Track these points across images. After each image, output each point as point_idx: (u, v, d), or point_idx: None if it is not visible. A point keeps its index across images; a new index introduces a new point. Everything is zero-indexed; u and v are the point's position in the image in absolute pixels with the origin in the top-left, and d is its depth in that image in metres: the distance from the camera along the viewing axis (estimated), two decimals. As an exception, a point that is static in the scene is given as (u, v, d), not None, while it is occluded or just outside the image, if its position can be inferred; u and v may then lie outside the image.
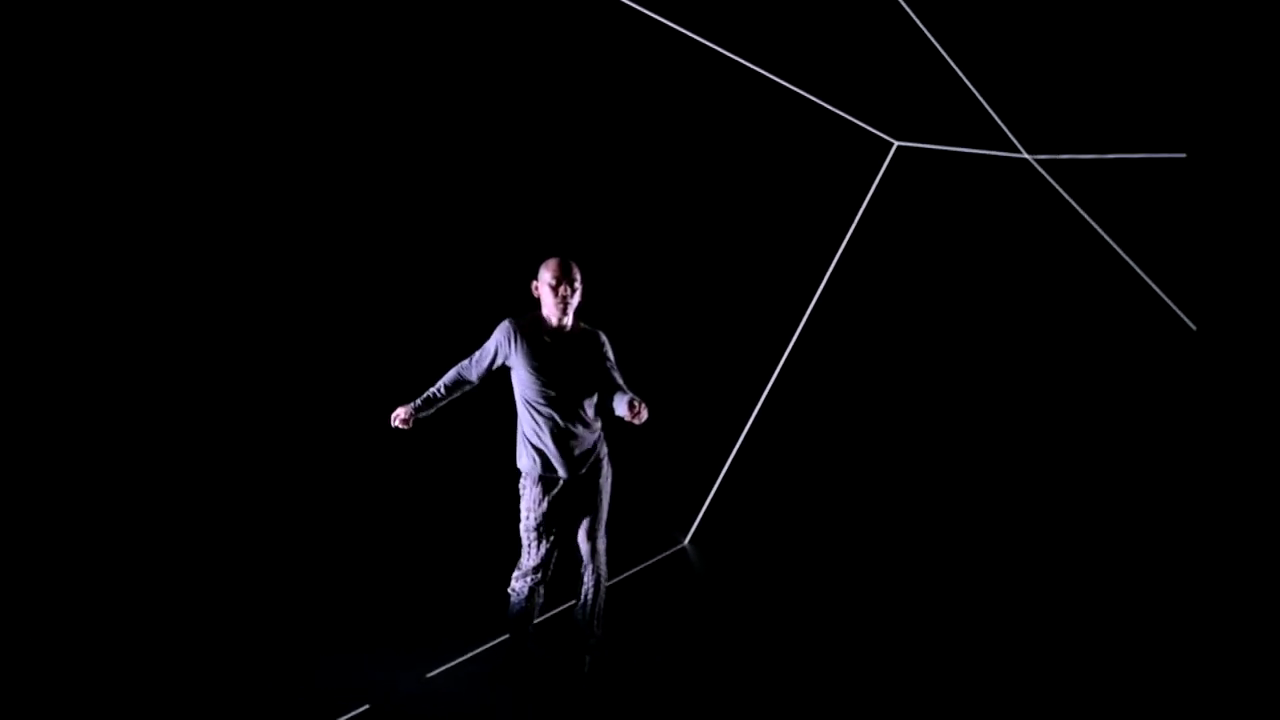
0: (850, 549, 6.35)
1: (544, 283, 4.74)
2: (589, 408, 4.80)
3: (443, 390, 4.86)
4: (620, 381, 4.77)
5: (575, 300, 4.75)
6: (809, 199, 6.88)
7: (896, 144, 6.26)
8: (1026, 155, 6.37)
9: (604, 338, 4.86)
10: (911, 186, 6.54)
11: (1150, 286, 6.48)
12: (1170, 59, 6.64)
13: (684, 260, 7.31)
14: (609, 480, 4.91)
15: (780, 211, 7.17)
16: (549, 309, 4.75)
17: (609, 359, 4.83)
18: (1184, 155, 6.44)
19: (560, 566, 4.87)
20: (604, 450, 4.90)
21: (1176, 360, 6.74)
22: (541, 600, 4.90)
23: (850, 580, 5.96)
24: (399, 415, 4.77)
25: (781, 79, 6.19)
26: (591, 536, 4.89)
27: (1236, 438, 6.64)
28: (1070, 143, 6.56)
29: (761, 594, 5.87)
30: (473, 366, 4.87)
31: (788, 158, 7.02)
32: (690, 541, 6.46)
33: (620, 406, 4.57)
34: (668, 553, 6.31)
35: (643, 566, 6.14)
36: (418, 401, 4.79)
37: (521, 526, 4.84)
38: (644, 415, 4.53)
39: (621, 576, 5.91)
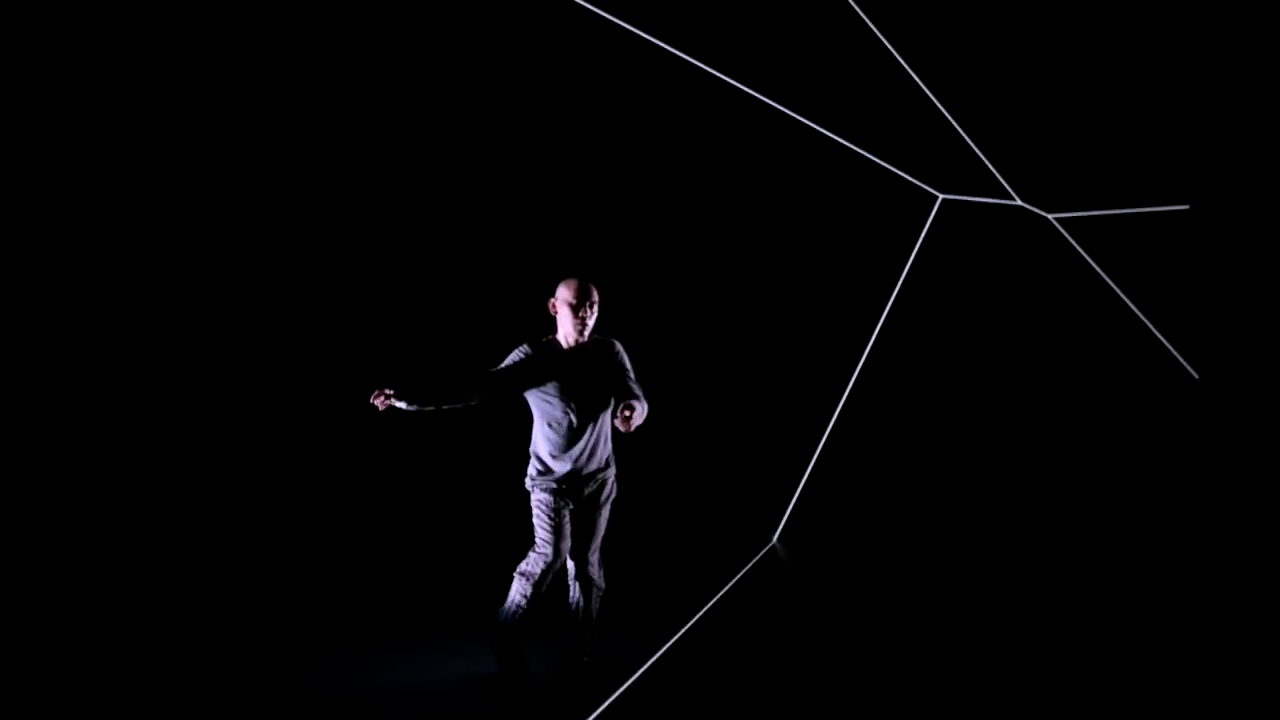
0: (907, 563, 6.59)
1: (563, 301, 4.63)
2: (607, 423, 4.72)
3: (438, 380, 4.59)
4: (634, 388, 4.64)
5: (592, 320, 4.65)
6: (871, 240, 7.36)
7: (941, 197, 6.85)
8: (1046, 214, 6.84)
9: (618, 346, 4.76)
10: (955, 235, 7.01)
11: (1156, 335, 6.84)
12: (1173, 116, 7.10)
13: (754, 289, 7.76)
14: (610, 501, 4.81)
15: (846, 249, 7.63)
16: (566, 327, 4.65)
17: (625, 367, 4.72)
18: (1187, 207, 6.87)
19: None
20: (612, 471, 4.82)
21: (1180, 406, 7.04)
22: (538, 603, 4.75)
23: (932, 582, 6.19)
24: (379, 395, 4.45)
25: (839, 137, 6.65)
26: (585, 550, 4.77)
27: (1238, 476, 6.96)
28: (1083, 196, 6.95)
29: (854, 594, 6.03)
30: (484, 379, 4.63)
31: (848, 205, 7.53)
32: (779, 539, 6.72)
33: (615, 416, 4.43)
34: (760, 555, 6.50)
35: (733, 568, 6.19)
36: (403, 386, 4.51)
37: (536, 534, 4.74)
38: (637, 419, 4.39)
39: (715, 581, 5.97)
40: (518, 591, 4.72)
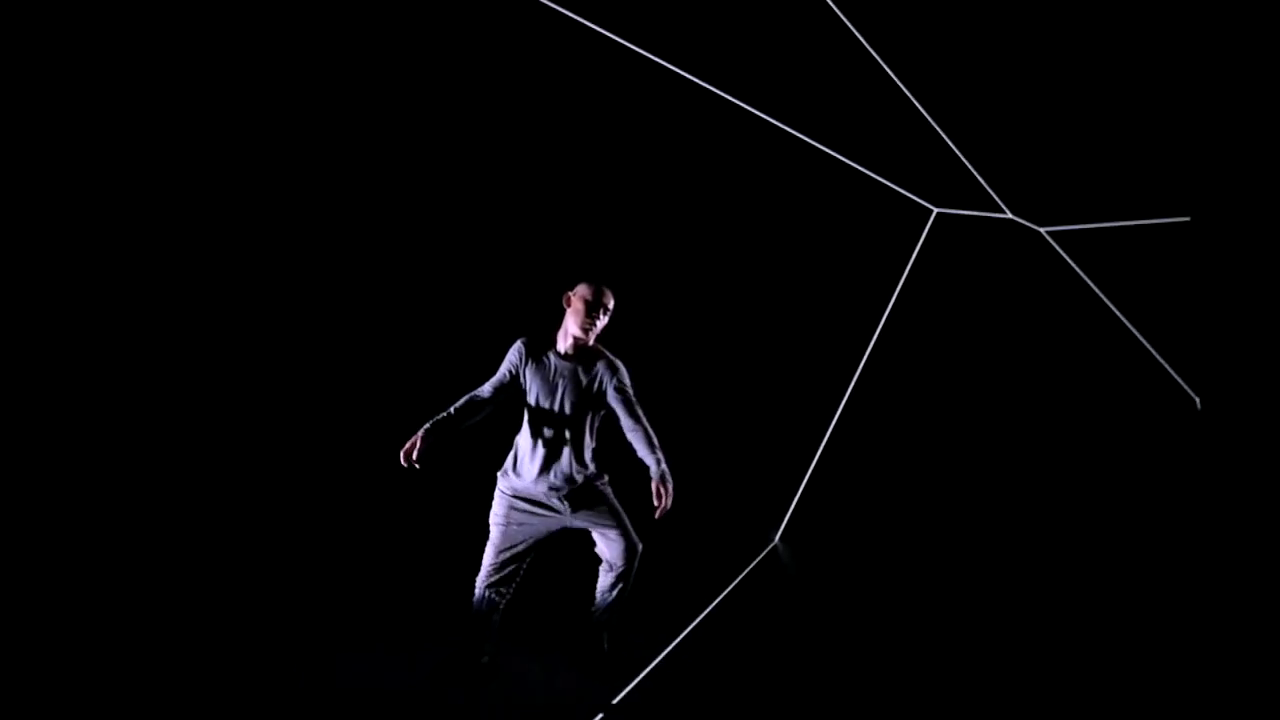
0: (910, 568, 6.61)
1: (579, 296, 4.65)
2: (591, 434, 4.73)
3: (453, 411, 4.62)
4: (642, 416, 4.66)
5: (599, 327, 4.66)
6: (864, 251, 7.50)
7: (936, 210, 6.95)
8: (1039, 228, 6.86)
9: (621, 366, 4.76)
10: (947, 248, 7.09)
11: (1152, 353, 6.87)
12: (1174, 125, 7.14)
13: (752, 298, 7.98)
14: (605, 492, 4.79)
15: (841, 260, 7.82)
16: (572, 324, 4.67)
17: (627, 389, 4.71)
18: (1188, 219, 6.83)
19: (570, 568, 4.94)
20: (603, 480, 4.81)
21: (1180, 425, 7.06)
22: (503, 603, 4.82)
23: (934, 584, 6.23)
24: (409, 449, 4.49)
25: (834, 151, 6.76)
26: (618, 531, 4.78)
27: (1235, 490, 6.99)
28: (1076, 209, 6.98)
29: (858, 595, 6.05)
30: (487, 388, 4.71)
31: (842, 217, 7.72)
32: (781, 539, 6.74)
33: (651, 467, 4.51)
34: (762, 555, 6.52)
35: (735, 569, 6.20)
36: (428, 425, 4.54)
37: (490, 539, 4.80)
38: (666, 502, 4.45)
39: (718, 581, 6.02)
40: (482, 601, 4.84)
